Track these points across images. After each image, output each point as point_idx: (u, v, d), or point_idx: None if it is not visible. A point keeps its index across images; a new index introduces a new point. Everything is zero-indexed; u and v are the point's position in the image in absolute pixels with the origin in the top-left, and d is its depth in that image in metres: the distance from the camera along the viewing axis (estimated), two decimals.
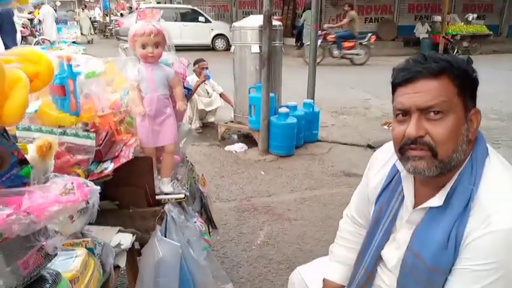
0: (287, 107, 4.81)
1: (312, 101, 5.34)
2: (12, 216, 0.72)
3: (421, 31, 15.84)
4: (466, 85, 1.03)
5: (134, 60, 1.82)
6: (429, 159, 1.01)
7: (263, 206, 3.54)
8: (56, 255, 0.87)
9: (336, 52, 12.08)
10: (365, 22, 17.59)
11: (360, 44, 12.02)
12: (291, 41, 16.09)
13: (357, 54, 12.04)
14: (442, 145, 1.00)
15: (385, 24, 17.43)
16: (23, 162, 0.93)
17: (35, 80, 0.85)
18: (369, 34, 12.20)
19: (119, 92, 1.93)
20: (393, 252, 1.18)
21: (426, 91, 1.00)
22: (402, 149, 1.06)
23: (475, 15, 15.25)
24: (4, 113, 0.74)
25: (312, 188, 3.96)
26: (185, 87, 2.08)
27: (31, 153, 1.08)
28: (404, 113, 1.05)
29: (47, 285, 0.82)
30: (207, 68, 5.43)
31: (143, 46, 1.69)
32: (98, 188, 0.94)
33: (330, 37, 12.01)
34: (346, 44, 12.00)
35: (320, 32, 11.25)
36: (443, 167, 1.02)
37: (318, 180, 4.12)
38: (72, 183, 0.85)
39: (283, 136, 4.67)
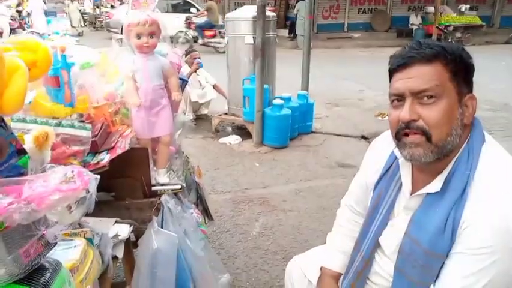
0: (281, 98, 4.81)
1: (306, 92, 5.35)
2: (13, 205, 0.72)
3: (415, 22, 15.87)
4: (460, 70, 1.04)
5: (129, 50, 1.81)
6: (425, 144, 1.03)
7: (258, 198, 3.55)
8: (56, 244, 0.87)
9: (199, 40, 12.95)
10: (358, 13, 17.58)
11: (220, 33, 12.40)
12: (284, 32, 16.03)
13: (218, 43, 12.42)
14: (435, 129, 1.02)
15: (378, 15, 17.43)
16: (21, 152, 0.92)
17: (33, 69, 0.84)
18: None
19: (114, 83, 1.92)
20: (391, 239, 1.20)
21: (419, 76, 1.02)
22: (398, 135, 1.08)
23: (468, 6, 15.30)
24: (4, 101, 0.73)
25: (307, 179, 3.98)
26: (180, 78, 2.07)
27: (28, 143, 1.08)
28: (399, 98, 1.07)
29: (48, 274, 0.82)
30: (198, 58, 5.40)
31: (138, 36, 1.68)
32: (98, 176, 0.94)
33: (192, 26, 13.06)
34: (207, 33, 12.75)
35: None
36: (438, 151, 1.03)
37: (313, 172, 4.14)
38: (72, 171, 0.85)
39: (278, 128, 4.68)
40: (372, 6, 17.59)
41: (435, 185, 1.07)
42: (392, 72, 1.11)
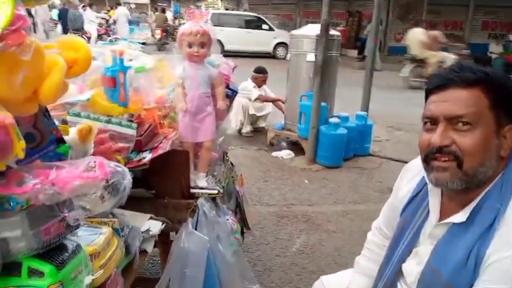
0: (338, 117, 4.74)
1: (365, 113, 5.23)
2: (38, 186, 0.80)
3: (495, 50, 14.94)
4: (502, 100, 0.99)
5: (181, 59, 1.90)
6: (454, 170, 0.98)
7: (303, 215, 3.52)
8: (78, 227, 0.94)
9: None
10: None
11: None
12: (354, 52, 15.85)
13: None
14: (468, 156, 0.97)
15: (455, 41, 16.65)
16: (60, 141, 1.02)
17: (74, 66, 0.93)
18: None
19: (167, 88, 2.03)
20: (413, 267, 1.14)
21: (455, 100, 0.98)
22: (427, 158, 1.03)
23: None
24: (41, 92, 0.83)
25: (356, 202, 3.87)
26: (230, 89, 2.14)
27: (72, 134, 1.18)
28: (432, 122, 1.03)
29: (66, 254, 0.89)
30: (265, 81, 5.59)
31: (190, 45, 1.77)
32: (126, 169, 1.01)
33: None
34: None
35: None
36: (467, 180, 0.98)
37: (364, 195, 4.02)
38: (94, 161, 0.92)
39: (332, 146, 4.61)
40: (448, 31, 16.84)
41: (462, 215, 1.01)
42: (428, 94, 1.07)
